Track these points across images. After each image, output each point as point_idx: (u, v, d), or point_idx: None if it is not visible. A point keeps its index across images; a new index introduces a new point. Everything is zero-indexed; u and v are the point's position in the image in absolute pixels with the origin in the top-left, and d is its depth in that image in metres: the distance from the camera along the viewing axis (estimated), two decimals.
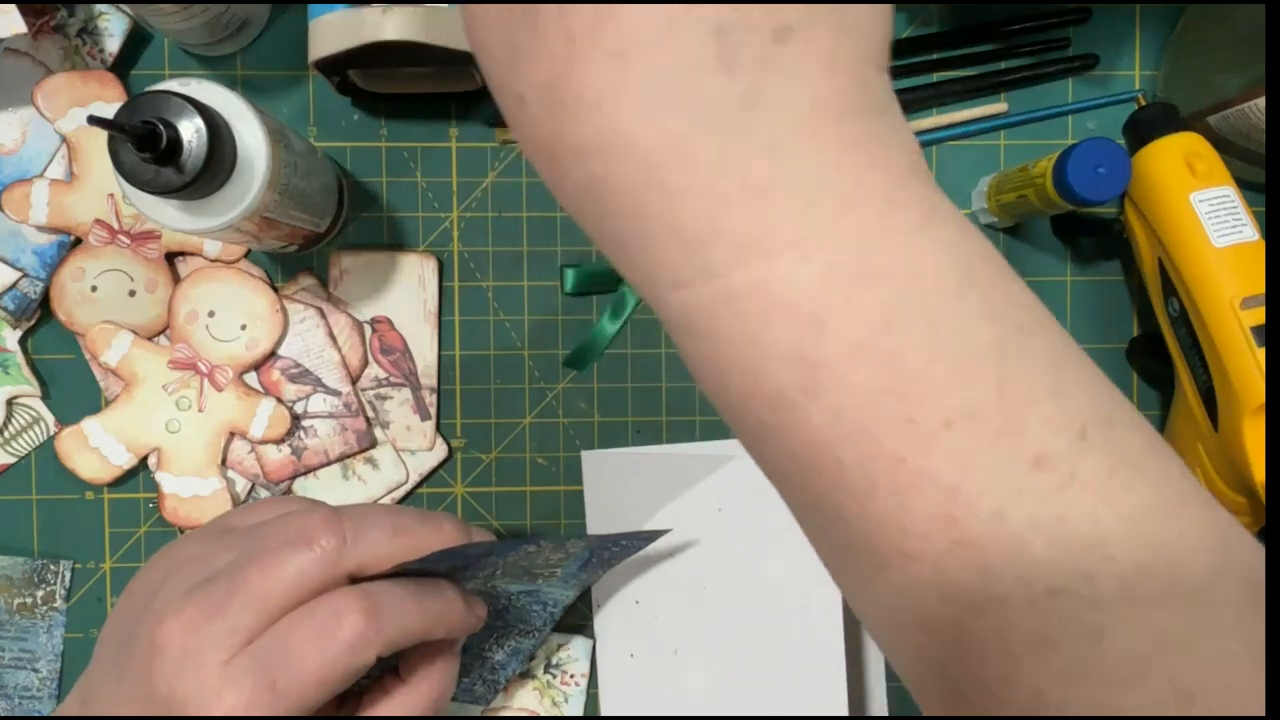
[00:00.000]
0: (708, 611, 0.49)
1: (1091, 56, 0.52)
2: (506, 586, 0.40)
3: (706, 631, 0.49)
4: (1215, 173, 0.44)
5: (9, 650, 0.50)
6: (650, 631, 0.50)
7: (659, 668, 0.50)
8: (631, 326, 0.52)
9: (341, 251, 0.51)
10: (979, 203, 0.51)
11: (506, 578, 0.40)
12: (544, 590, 0.41)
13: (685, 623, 0.49)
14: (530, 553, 0.39)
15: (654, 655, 0.50)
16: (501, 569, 0.39)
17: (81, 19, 0.49)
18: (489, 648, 0.43)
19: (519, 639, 0.43)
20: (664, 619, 0.50)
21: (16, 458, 0.51)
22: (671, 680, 0.50)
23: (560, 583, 0.41)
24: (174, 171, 0.36)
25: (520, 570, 0.40)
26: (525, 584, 0.40)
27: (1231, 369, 0.43)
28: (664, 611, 0.50)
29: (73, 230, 0.49)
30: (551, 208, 0.51)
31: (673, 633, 0.50)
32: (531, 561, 0.39)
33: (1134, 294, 0.53)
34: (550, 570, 0.41)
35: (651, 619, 0.50)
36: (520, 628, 0.42)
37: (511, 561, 0.39)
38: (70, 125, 0.48)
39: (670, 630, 0.50)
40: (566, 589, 0.42)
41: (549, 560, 0.40)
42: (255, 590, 0.33)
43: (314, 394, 0.50)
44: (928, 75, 0.52)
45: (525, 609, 0.42)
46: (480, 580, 0.39)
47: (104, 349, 0.49)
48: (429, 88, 0.50)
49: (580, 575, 0.42)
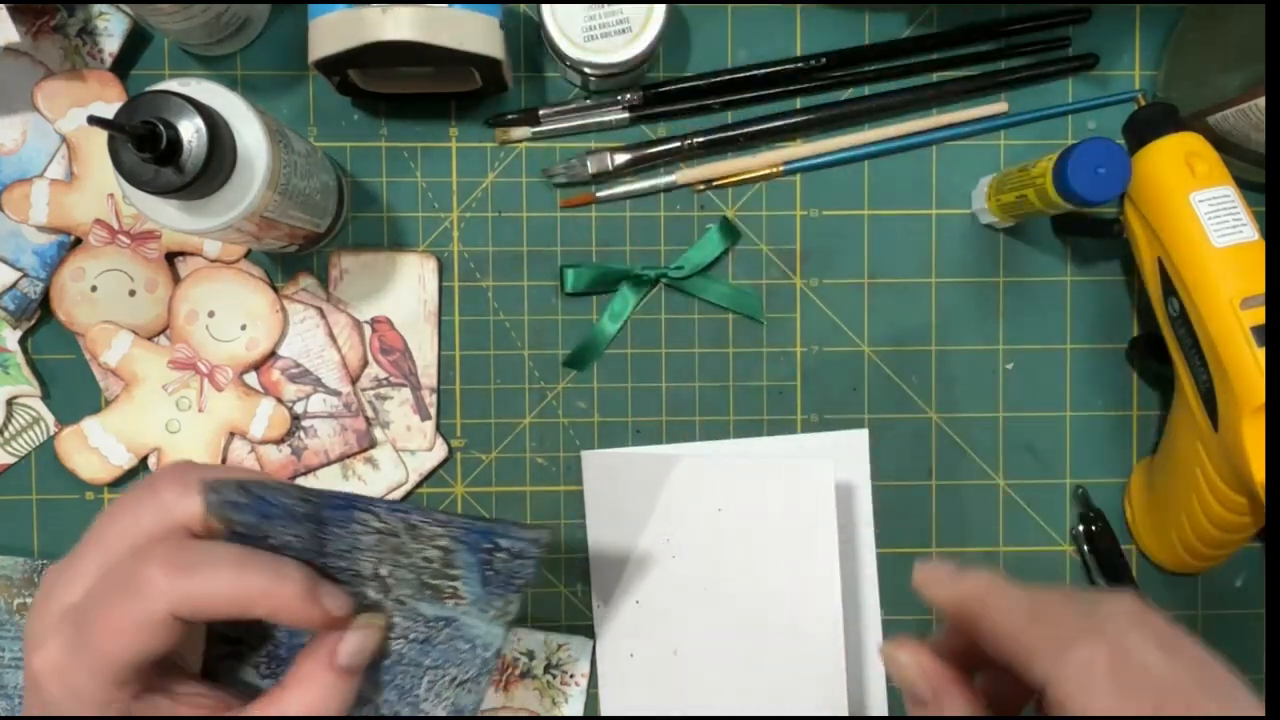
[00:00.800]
0: (708, 612, 0.49)
1: (1091, 56, 0.52)
2: (416, 604, 0.38)
3: (706, 632, 0.49)
4: (1215, 173, 0.44)
5: (9, 650, 0.50)
6: (650, 632, 0.50)
7: (659, 668, 0.50)
8: (631, 326, 0.52)
9: (341, 251, 0.51)
10: (979, 203, 0.51)
11: (402, 586, 0.37)
12: (463, 621, 0.38)
13: (685, 623, 0.49)
14: (378, 529, 0.36)
15: (654, 655, 0.50)
16: (371, 552, 0.37)
17: (81, 19, 0.49)
18: (424, 695, 0.39)
19: (456, 692, 0.39)
20: (664, 619, 0.50)
21: (16, 458, 0.51)
22: (671, 680, 0.50)
23: (475, 610, 0.38)
24: (174, 171, 0.36)
25: (403, 562, 0.37)
26: (433, 602, 0.38)
27: (1231, 369, 0.43)
28: (664, 612, 0.50)
29: (73, 230, 0.49)
30: (551, 208, 0.52)
31: (672, 633, 0.50)
32: (398, 547, 0.37)
33: (1134, 294, 0.53)
34: (441, 578, 0.38)
35: (651, 619, 0.50)
36: (452, 673, 0.39)
37: (371, 543, 0.37)
38: (70, 125, 0.48)
39: (670, 630, 0.50)
40: (485, 619, 0.39)
41: (422, 550, 0.37)
42: (95, 539, 0.34)
43: (314, 394, 0.50)
44: (928, 75, 0.52)
45: (451, 645, 0.39)
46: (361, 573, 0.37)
47: (104, 349, 0.49)
48: (429, 88, 0.50)
49: (490, 598, 0.39)
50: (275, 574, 0.34)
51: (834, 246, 0.52)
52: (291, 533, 0.36)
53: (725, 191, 0.52)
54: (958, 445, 0.53)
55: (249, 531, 0.36)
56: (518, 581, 0.38)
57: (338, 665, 0.35)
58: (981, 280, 0.52)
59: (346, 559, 0.37)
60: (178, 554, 0.33)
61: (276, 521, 0.36)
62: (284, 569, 0.35)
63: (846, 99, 0.52)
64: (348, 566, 0.37)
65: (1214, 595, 0.53)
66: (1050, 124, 0.52)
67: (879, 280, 0.52)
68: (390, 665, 0.39)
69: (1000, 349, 0.53)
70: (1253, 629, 0.53)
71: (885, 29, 0.52)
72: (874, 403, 0.52)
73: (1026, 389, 0.53)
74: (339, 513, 0.36)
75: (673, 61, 0.52)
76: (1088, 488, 0.53)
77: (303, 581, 0.35)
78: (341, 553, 0.37)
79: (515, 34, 0.51)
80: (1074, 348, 0.53)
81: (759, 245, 0.52)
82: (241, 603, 0.33)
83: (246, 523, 0.36)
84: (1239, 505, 0.45)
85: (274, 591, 0.34)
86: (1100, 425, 0.53)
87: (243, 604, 0.33)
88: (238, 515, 0.35)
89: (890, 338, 0.52)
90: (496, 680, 0.51)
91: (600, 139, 0.52)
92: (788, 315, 0.52)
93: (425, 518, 0.36)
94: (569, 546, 0.52)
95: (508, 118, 0.51)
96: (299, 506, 0.36)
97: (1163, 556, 0.51)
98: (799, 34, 0.52)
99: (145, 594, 0.32)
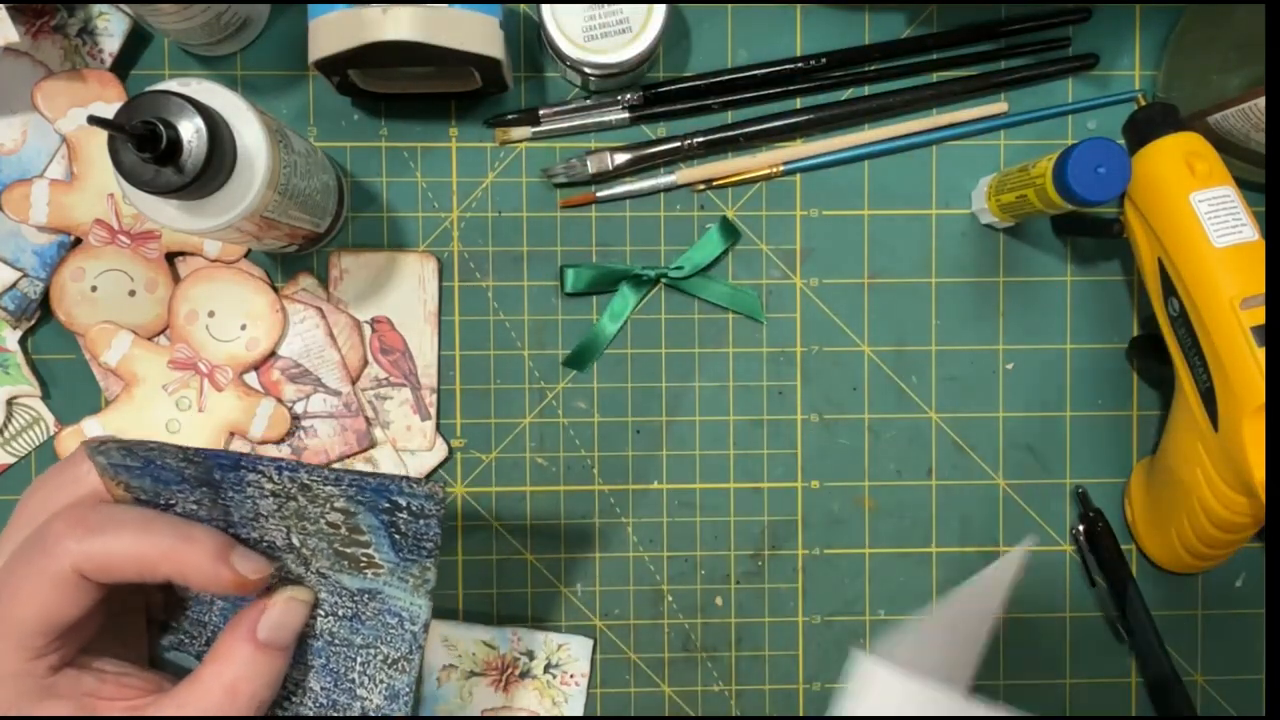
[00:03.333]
0: None
1: (1091, 56, 0.52)
2: (337, 576, 0.37)
3: None
4: (1215, 173, 0.44)
5: None
6: None
7: None
8: (631, 326, 0.52)
9: (341, 251, 0.51)
10: (979, 203, 0.51)
11: (319, 557, 0.37)
12: (386, 593, 0.38)
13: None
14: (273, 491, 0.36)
15: None
16: (276, 518, 0.36)
17: (81, 19, 0.49)
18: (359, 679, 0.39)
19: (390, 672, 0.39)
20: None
21: (16, 458, 0.51)
22: None
23: (395, 579, 0.37)
24: (174, 171, 0.36)
25: (309, 529, 0.36)
26: (352, 573, 0.37)
27: (1231, 369, 0.43)
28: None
29: (73, 230, 0.49)
30: (551, 208, 0.52)
31: None
32: (299, 511, 0.36)
33: (1134, 294, 0.53)
34: (353, 545, 0.37)
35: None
36: (384, 651, 0.38)
37: (271, 508, 0.36)
38: (70, 125, 0.48)
39: None
40: (406, 589, 0.38)
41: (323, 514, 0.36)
42: (17, 514, 0.35)
43: (314, 394, 0.50)
44: (928, 75, 0.52)
45: (379, 620, 0.38)
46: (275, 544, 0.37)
47: (104, 349, 0.49)
48: (429, 88, 0.50)
49: (406, 565, 0.37)
50: (181, 535, 0.34)
51: (834, 246, 0.52)
52: (192, 499, 0.36)
53: (725, 191, 0.52)
54: (958, 445, 0.53)
55: (150, 498, 0.36)
56: (427, 545, 0.37)
57: (259, 639, 0.35)
58: (981, 280, 0.52)
59: (255, 528, 0.36)
60: (83, 514, 0.33)
61: (173, 486, 0.35)
62: (192, 530, 0.34)
63: (846, 99, 0.52)
64: (260, 538, 0.36)
65: (1214, 595, 0.53)
66: (1050, 124, 0.52)
67: (879, 280, 0.52)
68: (322, 647, 0.39)
69: (1000, 349, 0.53)
70: (1253, 629, 0.53)
71: (885, 29, 0.52)
72: (874, 403, 0.52)
73: (1026, 389, 0.53)
74: (229, 474, 0.35)
75: (673, 61, 0.52)
76: (1088, 488, 0.53)
77: (210, 542, 0.34)
78: (248, 520, 0.36)
79: (515, 34, 0.51)
80: (1074, 348, 0.53)
81: (759, 245, 0.52)
82: (147, 561, 0.33)
83: (144, 487, 0.36)
84: (1239, 505, 0.45)
85: (179, 550, 0.33)
86: (1100, 425, 0.53)
87: (148, 562, 0.33)
88: (132, 480, 0.35)
89: (890, 338, 0.52)
90: (496, 680, 0.51)
91: (600, 139, 0.52)
92: (788, 315, 0.52)
93: (314, 476, 0.35)
94: (569, 546, 0.52)
95: (508, 118, 0.51)
96: (186, 468, 0.35)
97: (1163, 556, 0.51)
98: (799, 34, 0.52)
99: (51, 552, 0.32)
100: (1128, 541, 0.53)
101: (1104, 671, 0.53)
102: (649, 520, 0.52)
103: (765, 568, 0.52)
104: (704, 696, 0.53)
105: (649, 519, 0.52)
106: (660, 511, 0.52)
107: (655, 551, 0.52)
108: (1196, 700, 0.53)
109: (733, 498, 0.52)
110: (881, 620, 0.53)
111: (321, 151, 0.47)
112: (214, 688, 0.34)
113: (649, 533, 0.52)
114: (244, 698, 0.34)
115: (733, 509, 0.52)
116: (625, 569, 0.52)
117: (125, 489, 0.36)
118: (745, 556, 0.52)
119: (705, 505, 0.52)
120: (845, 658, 0.53)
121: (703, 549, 0.52)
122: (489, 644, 0.51)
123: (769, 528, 0.52)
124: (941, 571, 0.53)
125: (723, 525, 0.52)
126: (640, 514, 0.52)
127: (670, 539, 0.52)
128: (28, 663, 0.32)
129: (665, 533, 0.52)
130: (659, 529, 0.52)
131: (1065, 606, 0.53)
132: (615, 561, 0.52)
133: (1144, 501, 0.51)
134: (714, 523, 0.52)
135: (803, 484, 0.52)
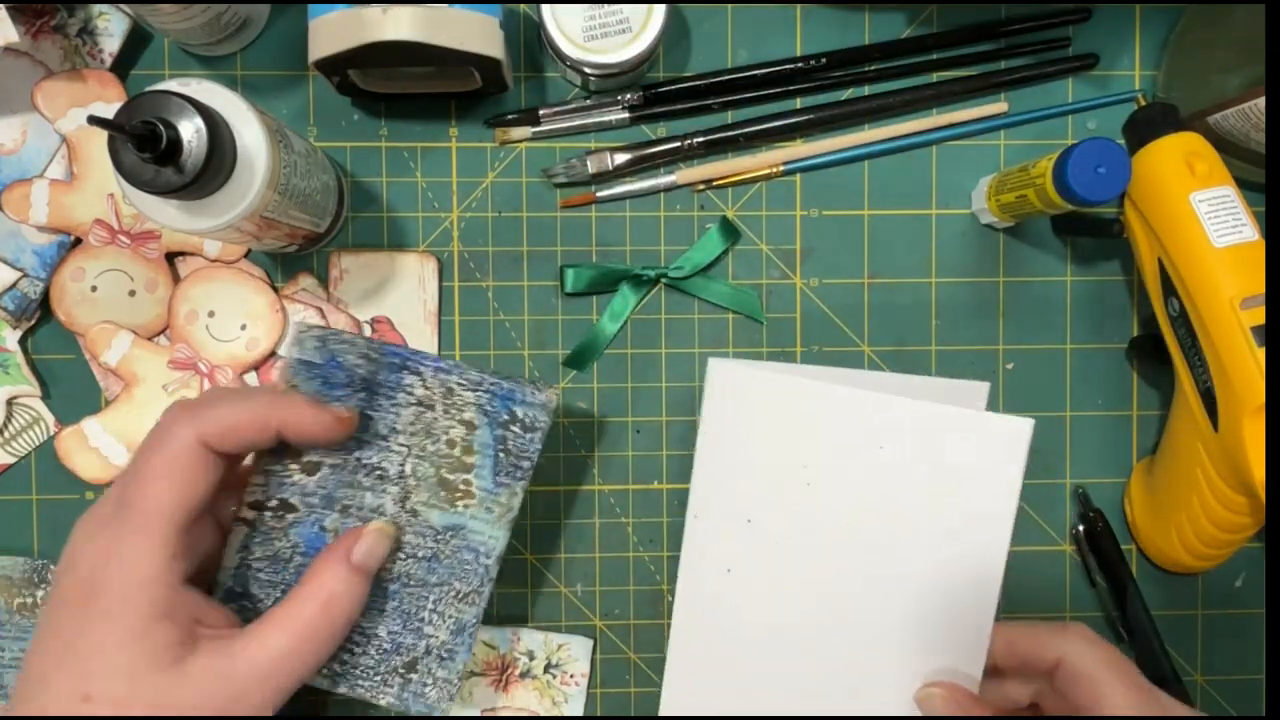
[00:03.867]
0: (838, 544, 0.47)
1: (1091, 56, 0.52)
2: (428, 514, 0.42)
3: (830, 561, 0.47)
4: (1215, 173, 0.44)
5: (9, 650, 0.50)
6: (758, 550, 0.48)
7: (761, 586, 0.48)
8: (631, 326, 0.52)
9: (341, 251, 0.51)
10: (979, 203, 0.51)
11: (420, 489, 0.42)
12: (469, 527, 0.42)
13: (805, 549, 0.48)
14: (419, 398, 0.42)
15: (758, 575, 0.48)
16: (404, 437, 0.42)
17: (81, 19, 0.49)
18: (428, 616, 0.42)
19: (459, 606, 0.43)
20: (780, 541, 0.48)
21: (16, 458, 0.51)
22: (768, 594, 0.48)
23: (482, 510, 0.42)
24: (174, 171, 0.36)
25: (428, 450, 0.42)
26: (444, 508, 0.42)
27: (1231, 369, 0.43)
28: (782, 535, 0.48)
29: (73, 230, 0.49)
30: (551, 208, 0.52)
31: (788, 555, 0.48)
32: (429, 425, 0.42)
33: (1134, 294, 0.53)
34: (459, 470, 0.42)
35: (764, 539, 0.48)
36: (456, 587, 0.43)
37: (408, 421, 0.42)
38: (70, 125, 0.48)
39: (784, 552, 0.48)
40: (490, 520, 0.42)
41: (448, 431, 0.42)
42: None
43: None
44: (928, 75, 0.52)
45: (456, 558, 0.42)
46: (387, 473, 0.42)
47: (104, 349, 0.49)
48: (429, 88, 0.50)
49: (497, 492, 0.42)
50: (276, 395, 0.39)
51: (834, 246, 0.52)
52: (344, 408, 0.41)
53: (725, 191, 0.52)
54: None
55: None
56: (524, 464, 0.43)
57: (353, 561, 0.39)
58: (981, 280, 0.52)
59: (379, 450, 0.42)
60: (188, 402, 0.37)
61: (337, 390, 0.41)
62: (285, 393, 0.40)
63: (846, 99, 0.52)
64: (378, 463, 0.42)
65: (1214, 595, 0.53)
66: (1050, 124, 0.52)
67: (879, 280, 0.52)
68: (396, 590, 0.42)
69: (1000, 349, 0.53)
70: (1253, 629, 0.53)
71: (885, 29, 0.52)
72: None
73: (1026, 389, 0.53)
74: (392, 375, 0.42)
75: (673, 61, 0.52)
76: (1088, 488, 0.53)
77: (302, 396, 0.39)
78: (378, 439, 0.42)
79: (515, 34, 0.51)
80: (1074, 348, 0.53)
81: (759, 245, 0.52)
82: (257, 417, 0.37)
83: (311, 390, 0.41)
84: (1239, 505, 0.45)
85: (281, 404, 0.38)
86: (1100, 425, 0.53)
87: (258, 419, 0.37)
88: (303, 382, 0.41)
89: (890, 338, 0.52)
90: (496, 680, 0.51)
91: (600, 139, 0.52)
92: (788, 315, 0.52)
93: (462, 379, 0.42)
94: (569, 546, 0.52)
95: (508, 118, 0.51)
96: (359, 366, 0.41)
97: (1163, 557, 0.51)
98: (799, 34, 0.52)
99: (172, 435, 0.36)
100: (1128, 541, 0.53)
101: None
102: (649, 520, 0.52)
103: None
104: None
105: (649, 519, 0.52)
106: (660, 511, 0.52)
107: (655, 551, 0.52)
108: (1196, 700, 0.53)
109: None
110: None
111: (321, 151, 0.47)
112: (311, 602, 0.37)
113: (649, 533, 0.52)
114: (338, 612, 0.38)
115: None
116: (625, 569, 0.52)
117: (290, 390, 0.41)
118: None
119: None
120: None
121: None
122: (489, 644, 0.51)
123: None
124: None
125: None
126: (640, 514, 0.52)
127: (670, 539, 0.52)
128: (167, 562, 0.35)
129: (665, 533, 0.52)
130: (659, 529, 0.52)
131: (1065, 606, 0.53)
132: (615, 561, 0.52)
133: (1144, 501, 0.51)
134: None
135: None
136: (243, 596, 0.41)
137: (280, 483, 0.41)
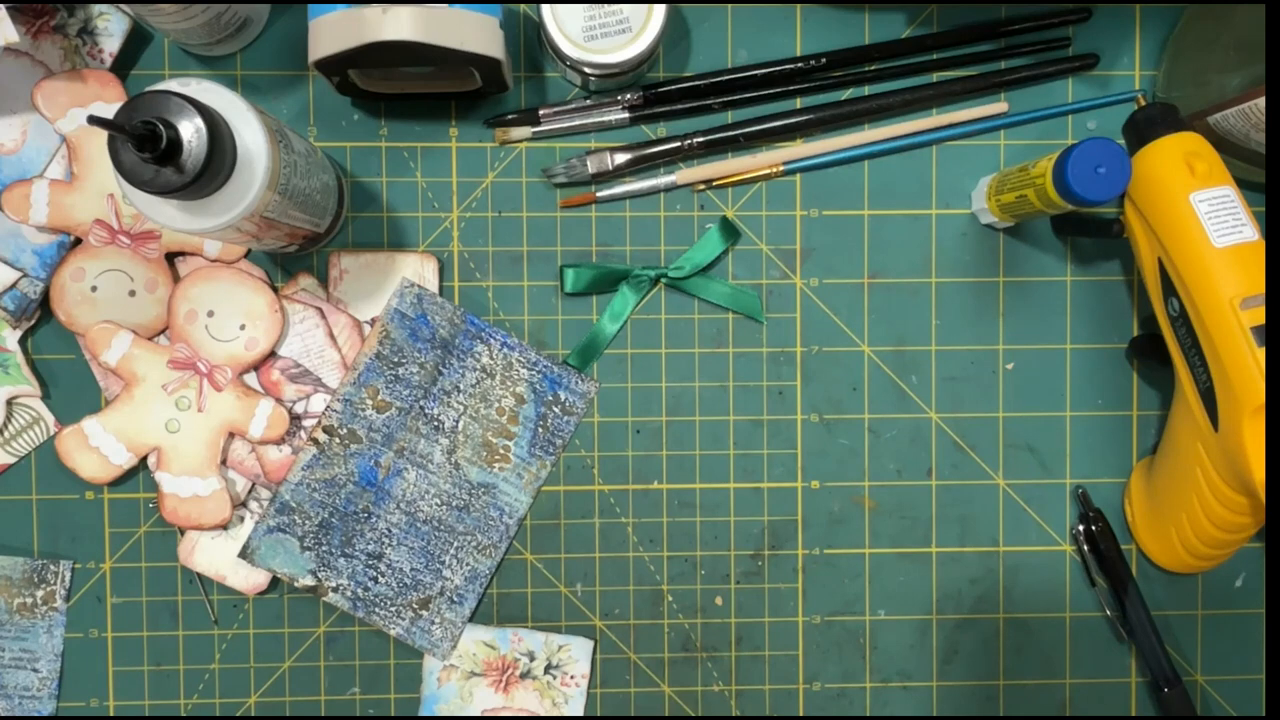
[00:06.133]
0: None
1: (1091, 56, 0.52)
2: (468, 468, 0.48)
3: None
4: (1215, 173, 0.44)
5: (9, 650, 0.50)
6: None
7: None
8: (631, 326, 0.52)
9: (341, 251, 0.51)
10: (979, 203, 0.51)
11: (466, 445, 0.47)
12: (500, 488, 0.48)
13: None
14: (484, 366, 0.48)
15: None
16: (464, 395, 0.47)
17: (81, 19, 0.49)
18: (449, 560, 0.48)
19: (477, 556, 0.49)
20: None
21: (16, 458, 0.51)
22: None
23: (514, 475, 0.48)
24: (174, 171, 0.36)
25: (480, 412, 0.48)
26: (483, 467, 0.48)
27: (1231, 369, 0.43)
28: None
29: (73, 230, 0.49)
30: (551, 208, 0.52)
31: None
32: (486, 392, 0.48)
33: (1134, 294, 0.53)
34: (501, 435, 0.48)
35: None
36: (478, 539, 0.49)
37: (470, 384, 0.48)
38: (70, 125, 0.48)
39: None
40: (519, 485, 0.49)
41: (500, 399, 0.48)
42: None
43: (314, 394, 0.50)
44: (928, 75, 0.52)
45: (484, 512, 0.48)
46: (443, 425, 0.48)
47: (104, 349, 0.49)
48: (429, 88, 0.50)
49: (530, 462, 0.49)
50: None
51: (834, 246, 0.52)
52: (419, 361, 0.48)
53: (725, 191, 0.52)
54: (958, 445, 0.53)
55: (391, 352, 0.48)
56: (558, 441, 0.50)
57: None
58: (981, 280, 0.52)
59: (441, 402, 0.48)
60: None
61: (419, 344, 0.48)
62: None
63: (846, 99, 0.52)
64: (438, 415, 0.48)
65: (1214, 595, 0.53)
66: (1050, 124, 0.52)
67: (879, 280, 0.52)
68: (428, 531, 0.48)
69: (1000, 349, 0.53)
70: (1253, 629, 0.53)
71: (885, 29, 0.52)
72: (874, 403, 0.52)
73: (1026, 389, 0.53)
74: (466, 341, 0.48)
75: (673, 61, 0.52)
76: (1088, 488, 0.53)
77: None
78: (443, 393, 0.48)
79: (515, 34, 0.51)
80: (1074, 348, 0.53)
81: (759, 245, 0.52)
82: None
83: (397, 340, 0.48)
84: (1239, 505, 0.45)
85: None
86: (1100, 425, 0.53)
87: None
88: (394, 330, 0.47)
89: (890, 338, 0.52)
90: (497, 680, 0.51)
91: (600, 139, 0.52)
92: (788, 315, 0.52)
93: (522, 355, 0.49)
94: (569, 546, 0.52)
95: (508, 118, 0.51)
96: (443, 327, 0.48)
97: (1163, 556, 0.51)
98: (799, 34, 0.52)
99: None
100: (1128, 541, 0.53)
101: (1104, 671, 0.53)
102: (649, 520, 0.52)
103: (765, 568, 0.52)
104: (704, 696, 0.53)
105: (649, 519, 0.52)
106: (660, 511, 0.52)
107: (655, 551, 0.52)
108: (1196, 700, 0.53)
109: (733, 498, 0.52)
110: (881, 620, 0.53)
111: (321, 151, 0.47)
112: None
113: (649, 533, 0.52)
114: None
115: (733, 509, 0.52)
116: (625, 569, 0.52)
117: (381, 338, 0.47)
118: (745, 556, 0.52)
119: (705, 505, 0.52)
120: (845, 658, 0.53)
121: (703, 549, 0.52)
122: (489, 644, 0.51)
123: (769, 528, 0.52)
124: (941, 571, 0.53)
125: (723, 525, 0.52)
126: (640, 514, 0.52)
127: (670, 539, 0.52)
128: None
129: (665, 533, 0.52)
130: (659, 529, 0.52)
131: (1065, 606, 0.53)
132: (615, 561, 0.52)
133: (1144, 501, 0.51)
134: (714, 523, 0.52)
135: (803, 484, 0.52)
136: (294, 511, 0.48)
137: (355, 413, 0.47)
